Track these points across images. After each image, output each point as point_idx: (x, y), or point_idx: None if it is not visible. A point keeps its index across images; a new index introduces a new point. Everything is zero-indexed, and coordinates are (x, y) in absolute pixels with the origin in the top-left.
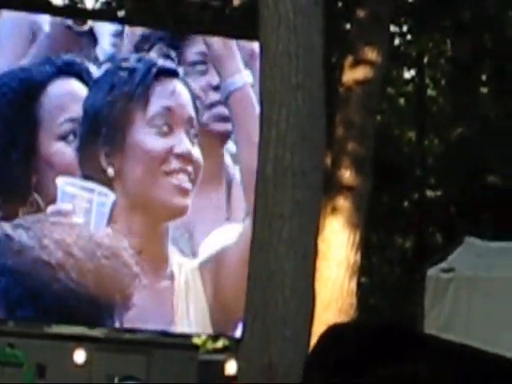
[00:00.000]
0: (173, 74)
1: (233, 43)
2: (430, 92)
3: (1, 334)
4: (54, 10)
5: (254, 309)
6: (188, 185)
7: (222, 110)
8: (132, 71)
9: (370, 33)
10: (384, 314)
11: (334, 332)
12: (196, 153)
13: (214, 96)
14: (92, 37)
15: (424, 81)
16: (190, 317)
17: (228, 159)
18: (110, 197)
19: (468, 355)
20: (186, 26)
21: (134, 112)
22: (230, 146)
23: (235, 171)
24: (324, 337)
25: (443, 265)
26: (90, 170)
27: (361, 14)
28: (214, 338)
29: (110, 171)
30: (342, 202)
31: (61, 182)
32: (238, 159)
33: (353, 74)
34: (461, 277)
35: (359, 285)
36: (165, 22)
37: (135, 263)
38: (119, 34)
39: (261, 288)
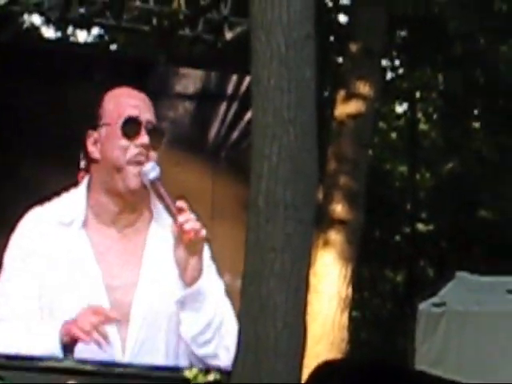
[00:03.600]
0: None
1: None
2: (422, 126)
3: None
4: (46, 43)
5: (245, 342)
6: None
7: None
8: None
9: (362, 67)
10: (375, 347)
11: (324, 369)
12: None
13: None
14: None
15: (416, 115)
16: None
17: None
18: None
19: None
20: (178, 59)
21: None
22: None
23: None
24: (316, 373)
25: (435, 299)
26: None
27: (353, 48)
28: (206, 371)
29: None
30: (334, 236)
31: None
32: None
33: (345, 108)
34: (452, 311)
35: (351, 319)
36: (157, 55)
37: None
38: None
39: (252, 321)
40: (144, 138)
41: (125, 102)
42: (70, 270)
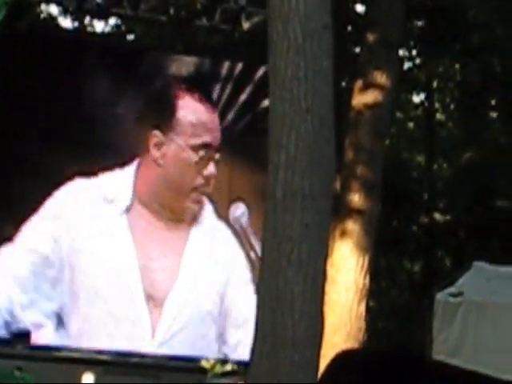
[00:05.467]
0: None
1: None
2: (439, 116)
3: (9, 357)
4: (62, 33)
5: (262, 332)
6: None
7: None
8: None
9: (379, 57)
10: (392, 337)
11: (343, 358)
12: None
13: None
14: None
15: (433, 105)
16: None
17: None
18: None
19: (475, 382)
20: (195, 49)
21: None
22: None
23: None
24: (333, 363)
25: (452, 289)
26: None
27: (370, 38)
28: (223, 361)
29: None
30: (351, 226)
31: None
32: None
33: (362, 98)
34: (469, 301)
35: (368, 309)
36: (174, 46)
37: None
38: None
39: (270, 311)
40: (211, 168)
41: (201, 126)
42: (107, 243)
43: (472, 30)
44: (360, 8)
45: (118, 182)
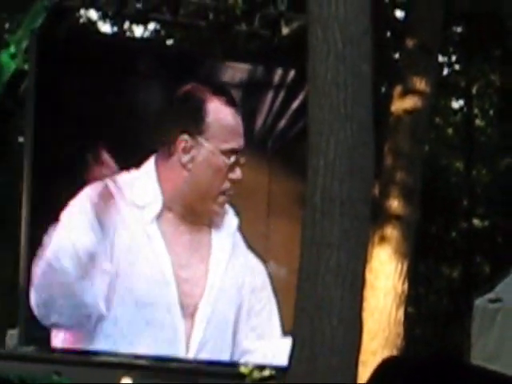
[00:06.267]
0: None
1: None
2: (478, 122)
3: (48, 362)
4: (103, 38)
5: (301, 337)
6: None
7: None
8: None
9: (418, 62)
10: (431, 343)
11: (390, 365)
12: None
13: None
14: None
15: (472, 111)
16: None
17: None
18: None
19: None
20: (234, 54)
21: None
22: None
23: None
24: (380, 369)
25: (490, 295)
26: None
27: (410, 43)
28: (261, 367)
29: None
30: (390, 232)
31: None
32: None
33: (401, 104)
34: (508, 307)
35: (406, 314)
36: (213, 51)
37: None
38: None
39: (308, 317)
40: (237, 173)
41: (230, 131)
42: (144, 251)
43: (511, 36)
44: (399, 14)
45: (145, 187)
